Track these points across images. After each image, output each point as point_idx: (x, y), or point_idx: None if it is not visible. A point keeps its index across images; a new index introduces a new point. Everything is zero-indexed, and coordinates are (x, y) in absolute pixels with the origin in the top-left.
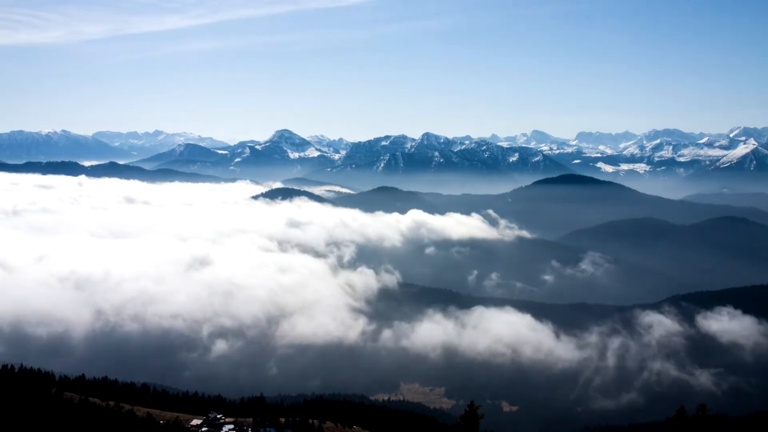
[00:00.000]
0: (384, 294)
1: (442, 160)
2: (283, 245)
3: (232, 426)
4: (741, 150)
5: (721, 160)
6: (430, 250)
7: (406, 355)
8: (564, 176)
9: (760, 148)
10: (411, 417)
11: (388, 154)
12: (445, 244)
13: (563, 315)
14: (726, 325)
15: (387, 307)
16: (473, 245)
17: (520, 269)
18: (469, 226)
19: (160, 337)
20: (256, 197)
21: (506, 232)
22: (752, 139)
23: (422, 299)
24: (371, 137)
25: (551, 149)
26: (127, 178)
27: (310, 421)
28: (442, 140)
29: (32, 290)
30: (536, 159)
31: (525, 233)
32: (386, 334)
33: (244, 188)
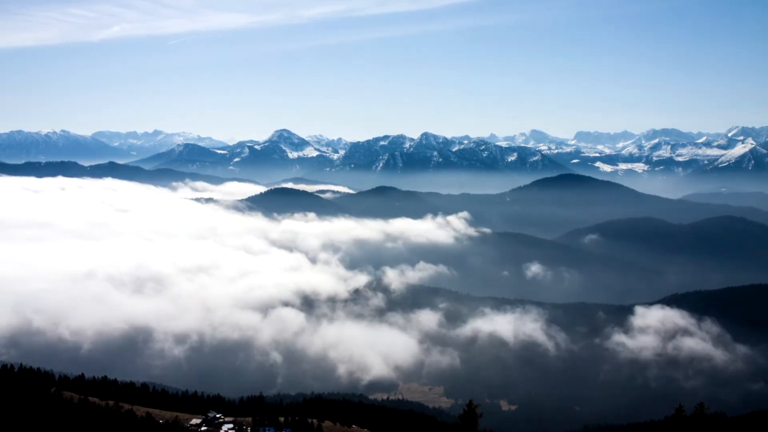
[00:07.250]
0: (382, 294)
1: (440, 160)
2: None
3: (231, 425)
4: (739, 149)
5: (720, 160)
6: (426, 250)
7: (405, 353)
8: (562, 176)
9: (758, 147)
10: (410, 416)
11: (387, 154)
12: (443, 244)
13: (562, 314)
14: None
15: (385, 306)
16: (473, 244)
17: (518, 268)
18: (467, 226)
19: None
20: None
21: (505, 230)
22: (750, 138)
23: (422, 299)
24: (370, 137)
25: (550, 149)
26: (127, 178)
27: (309, 420)
28: (440, 140)
29: None
30: (535, 158)
31: (524, 232)
32: (385, 333)
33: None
